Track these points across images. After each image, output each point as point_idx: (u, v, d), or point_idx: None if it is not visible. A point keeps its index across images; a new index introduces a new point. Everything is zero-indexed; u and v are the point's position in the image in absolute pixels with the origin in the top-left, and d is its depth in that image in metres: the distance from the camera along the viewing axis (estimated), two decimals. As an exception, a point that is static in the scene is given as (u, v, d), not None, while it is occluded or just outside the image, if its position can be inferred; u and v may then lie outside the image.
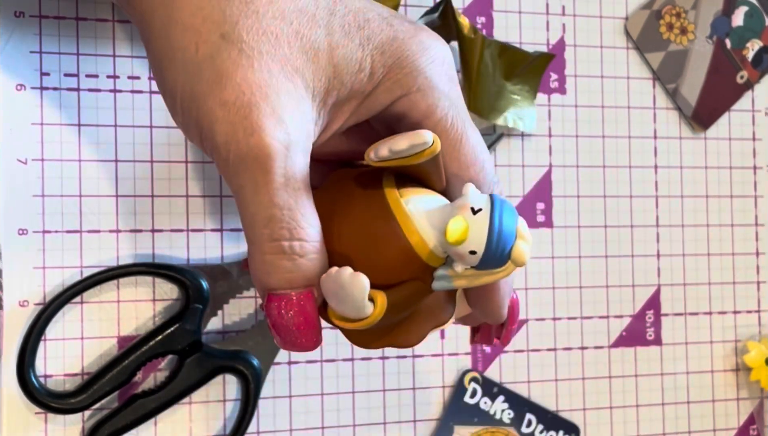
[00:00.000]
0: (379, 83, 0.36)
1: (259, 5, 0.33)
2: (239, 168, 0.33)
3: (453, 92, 0.37)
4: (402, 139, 0.33)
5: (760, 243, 0.62)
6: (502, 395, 0.56)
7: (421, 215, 0.35)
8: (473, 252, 0.33)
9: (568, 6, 0.59)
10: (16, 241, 0.48)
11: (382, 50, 0.35)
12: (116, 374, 0.48)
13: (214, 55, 0.33)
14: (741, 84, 0.62)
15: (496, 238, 0.33)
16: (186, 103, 0.34)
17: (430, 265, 0.35)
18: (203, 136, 0.34)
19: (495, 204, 0.33)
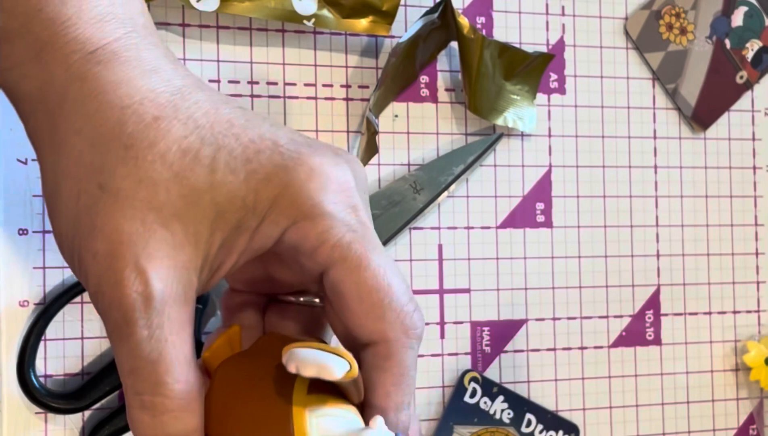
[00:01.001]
0: (264, 216, 0.34)
1: (138, 150, 0.33)
2: (106, 317, 0.33)
3: (350, 217, 0.35)
4: (312, 364, 0.31)
5: (760, 243, 0.62)
6: (501, 395, 0.56)
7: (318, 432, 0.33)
8: None
9: (568, 6, 0.59)
10: (16, 241, 0.48)
11: (267, 180, 0.34)
12: (116, 374, 0.47)
13: (91, 205, 0.32)
14: (741, 84, 0.62)
15: None
16: (68, 250, 0.34)
17: None
18: (82, 281, 0.34)
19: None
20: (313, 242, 0.34)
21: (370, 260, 0.34)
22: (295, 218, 0.34)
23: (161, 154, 0.33)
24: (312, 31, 0.54)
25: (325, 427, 0.33)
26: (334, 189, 0.35)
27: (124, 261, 0.32)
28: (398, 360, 0.35)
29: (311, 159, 0.34)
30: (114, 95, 0.33)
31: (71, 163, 0.33)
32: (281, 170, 0.34)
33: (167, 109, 0.33)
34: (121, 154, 0.33)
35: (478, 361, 0.56)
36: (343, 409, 0.34)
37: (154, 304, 0.32)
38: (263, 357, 0.36)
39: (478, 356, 0.56)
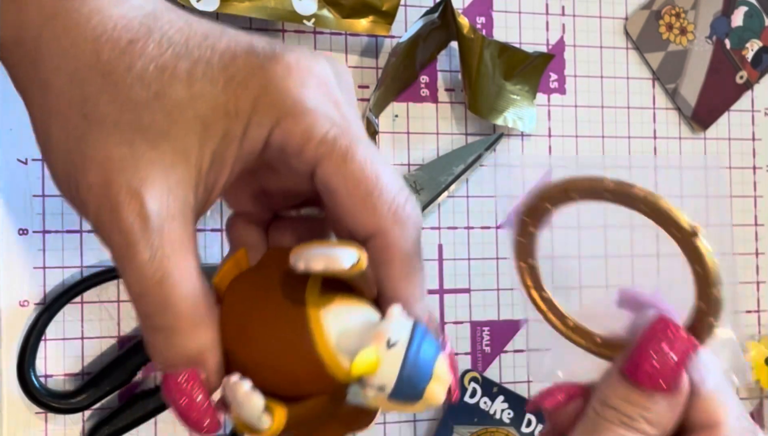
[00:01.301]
0: (249, 121, 0.33)
1: (117, 76, 0.33)
2: (109, 245, 0.32)
3: (333, 111, 0.34)
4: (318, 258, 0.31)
5: (760, 243, 0.62)
6: (501, 395, 0.56)
7: (338, 333, 0.33)
8: (381, 388, 0.31)
9: (568, 6, 0.59)
10: (16, 241, 0.48)
11: (245, 84, 0.33)
12: (116, 374, 0.48)
13: (80, 137, 0.32)
14: (741, 84, 0.62)
15: (407, 376, 0.31)
16: (66, 188, 0.33)
17: (342, 382, 0.33)
18: (84, 216, 0.33)
19: (414, 338, 0.31)
20: (298, 139, 0.33)
21: (356, 153, 0.34)
22: (278, 118, 0.33)
23: (139, 75, 0.33)
24: (312, 31, 0.54)
25: (342, 322, 0.33)
26: (314, 84, 0.34)
27: (117, 187, 0.32)
28: (398, 251, 0.34)
29: (287, 55, 0.34)
30: (87, 27, 0.33)
31: (55, 101, 0.33)
32: (258, 71, 0.33)
33: (140, 31, 0.33)
34: (100, 82, 0.33)
35: (478, 361, 0.56)
36: (358, 305, 0.34)
37: (152, 224, 0.32)
38: (271, 269, 0.35)
39: (478, 356, 0.56)
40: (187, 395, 0.33)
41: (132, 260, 0.32)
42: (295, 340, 0.33)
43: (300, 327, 0.33)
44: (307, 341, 0.32)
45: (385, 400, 0.32)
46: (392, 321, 0.32)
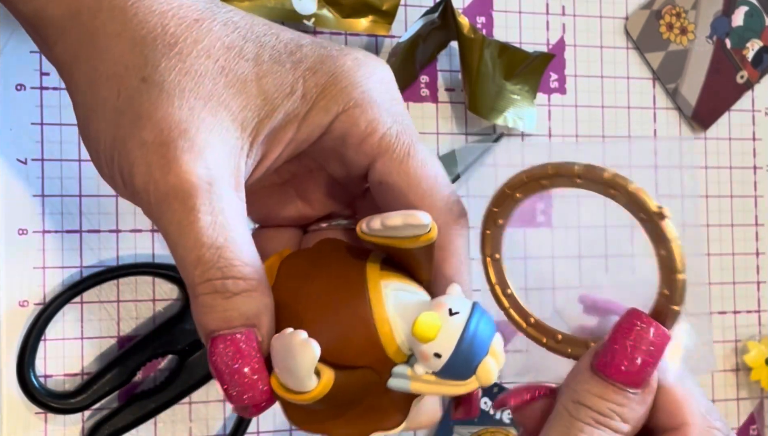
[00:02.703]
0: (313, 103, 0.34)
1: (183, 47, 0.33)
2: (162, 209, 0.31)
3: (396, 108, 0.35)
4: (396, 215, 0.31)
5: (760, 243, 0.62)
6: (502, 395, 0.55)
7: (397, 304, 0.32)
8: (438, 355, 0.31)
9: (568, 6, 0.59)
10: (16, 241, 0.48)
11: (314, 70, 0.34)
12: (116, 374, 0.48)
13: (134, 97, 0.32)
14: (741, 84, 0.62)
15: (466, 346, 0.31)
16: (108, 150, 0.33)
17: (391, 359, 0.32)
18: (125, 182, 0.33)
19: (475, 312, 0.31)
20: (363, 130, 0.34)
21: (417, 151, 0.35)
22: (345, 105, 0.34)
23: (206, 49, 0.33)
24: (312, 31, 0.54)
25: (400, 297, 0.33)
26: (378, 80, 0.35)
27: (177, 147, 0.31)
28: (454, 248, 0.35)
29: (356, 51, 0.35)
30: (151, 2, 0.33)
31: (110, 65, 0.32)
32: (327, 59, 0.34)
33: (205, 13, 0.33)
34: (164, 50, 0.32)
35: (478, 361, 0.56)
36: (415, 287, 0.34)
37: (215, 188, 0.31)
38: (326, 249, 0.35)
39: (478, 356, 0.56)
40: (244, 357, 0.31)
41: (192, 225, 0.31)
42: (353, 305, 0.32)
43: (359, 293, 0.32)
44: (363, 307, 0.32)
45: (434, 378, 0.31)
46: (453, 295, 0.32)
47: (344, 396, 0.32)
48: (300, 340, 0.30)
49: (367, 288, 0.33)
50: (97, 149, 0.33)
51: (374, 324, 0.32)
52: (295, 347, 0.30)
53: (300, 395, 0.31)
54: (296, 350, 0.30)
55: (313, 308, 0.33)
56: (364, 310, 0.32)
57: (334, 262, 0.35)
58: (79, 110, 0.34)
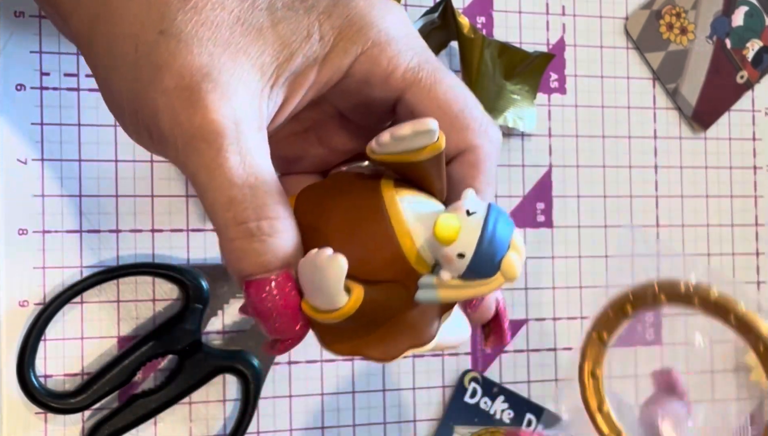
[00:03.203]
0: (331, 46, 0.34)
1: (197, 1, 0.33)
2: (190, 152, 0.31)
3: (414, 42, 0.35)
4: (405, 125, 0.32)
5: (760, 243, 0.62)
6: (502, 395, 0.56)
7: (414, 215, 0.33)
8: (461, 255, 0.31)
9: (568, 6, 0.59)
10: (16, 241, 0.48)
11: (328, 14, 0.34)
12: (116, 374, 0.48)
13: (153, 50, 0.32)
14: (741, 84, 0.62)
15: (488, 242, 0.31)
16: (131, 105, 0.33)
17: (416, 270, 0.33)
18: (151, 133, 0.33)
19: (492, 210, 0.31)
20: (385, 68, 0.34)
21: (443, 77, 0.35)
22: (363, 46, 0.34)
23: (220, 2, 0.33)
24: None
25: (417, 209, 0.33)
26: (393, 18, 0.35)
27: (201, 89, 0.31)
28: (486, 166, 0.36)
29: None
30: None
31: (127, 25, 0.33)
32: (339, 3, 0.34)
33: None
34: (179, 5, 0.33)
35: (478, 361, 0.56)
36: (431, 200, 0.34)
37: (241, 128, 0.32)
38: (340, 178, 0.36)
39: (478, 356, 0.56)
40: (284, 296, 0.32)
41: (221, 166, 0.31)
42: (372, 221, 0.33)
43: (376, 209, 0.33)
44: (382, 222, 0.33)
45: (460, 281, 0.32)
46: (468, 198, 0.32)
47: (375, 312, 0.33)
48: (326, 256, 0.31)
49: (384, 203, 0.33)
50: (121, 106, 0.33)
51: (395, 236, 0.33)
52: (323, 264, 0.31)
53: (332, 314, 0.31)
54: (324, 267, 0.31)
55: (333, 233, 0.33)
56: (384, 224, 0.33)
57: (348, 186, 0.35)
58: (99, 76, 0.34)
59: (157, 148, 0.33)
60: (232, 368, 0.49)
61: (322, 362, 0.53)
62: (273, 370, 0.52)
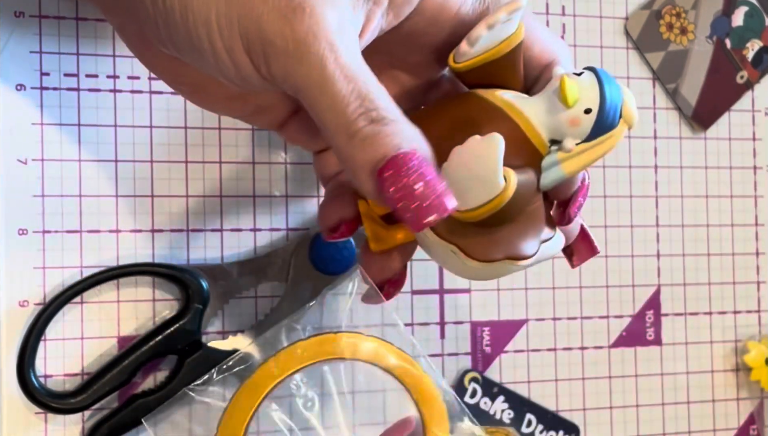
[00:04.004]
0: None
1: None
2: (300, 55, 0.32)
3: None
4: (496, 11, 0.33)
5: (760, 243, 0.62)
6: (502, 395, 0.56)
7: (521, 100, 0.34)
8: (588, 110, 0.31)
9: (568, 6, 0.59)
10: (16, 241, 0.48)
11: None
12: (116, 374, 0.48)
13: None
14: (741, 84, 0.62)
15: (609, 91, 0.32)
16: (224, 23, 0.33)
17: (538, 150, 0.33)
18: (252, 45, 0.33)
19: (597, 70, 0.32)
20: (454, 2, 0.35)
21: None
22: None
23: None
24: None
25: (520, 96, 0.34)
26: None
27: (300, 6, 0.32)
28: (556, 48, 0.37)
29: None
30: None
31: None
32: None
33: None
34: None
35: (478, 361, 0.56)
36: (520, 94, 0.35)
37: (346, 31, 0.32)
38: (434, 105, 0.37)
39: (478, 356, 0.56)
40: (423, 169, 0.32)
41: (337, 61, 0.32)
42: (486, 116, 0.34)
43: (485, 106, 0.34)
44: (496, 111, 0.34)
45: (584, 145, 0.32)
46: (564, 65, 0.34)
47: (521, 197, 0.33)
48: (479, 139, 0.32)
49: (489, 100, 0.34)
50: (208, 26, 0.33)
51: (512, 120, 0.33)
52: (480, 147, 0.31)
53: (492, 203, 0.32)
54: (482, 149, 0.31)
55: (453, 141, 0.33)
56: (501, 115, 0.33)
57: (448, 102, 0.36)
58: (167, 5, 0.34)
59: (254, 64, 0.33)
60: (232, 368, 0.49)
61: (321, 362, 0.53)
62: (273, 370, 0.52)
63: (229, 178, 0.51)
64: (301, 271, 0.51)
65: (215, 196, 0.51)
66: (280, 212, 0.52)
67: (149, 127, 0.50)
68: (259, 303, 0.52)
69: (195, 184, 0.51)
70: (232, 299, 0.51)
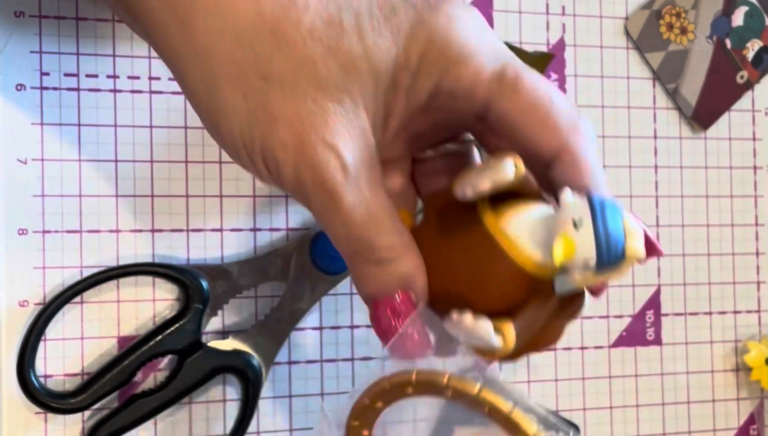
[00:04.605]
0: (417, 71, 0.35)
1: (286, 34, 0.33)
2: (310, 197, 0.34)
3: (494, 48, 0.36)
4: (483, 177, 0.34)
5: (760, 243, 0.62)
6: (502, 395, 0.55)
7: (524, 233, 0.34)
8: (586, 263, 0.33)
9: (568, 6, 0.59)
10: (16, 241, 0.48)
11: (412, 38, 0.35)
12: (116, 374, 0.48)
13: (262, 99, 0.34)
14: (741, 84, 0.62)
15: (605, 246, 0.32)
16: (249, 148, 0.35)
17: (548, 279, 0.35)
18: (271, 176, 0.35)
19: (596, 210, 0.33)
20: (469, 82, 0.35)
21: (525, 80, 0.35)
22: (446, 66, 0.35)
23: (308, 31, 0.34)
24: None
25: (523, 224, 0.35)
26: (472, 28, 0.36)
27: (313, 144, 0.34)
28: (585, 162, 0.36)
29: (444, 6, 0.36)
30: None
31: (225, 67, 0.34)
32: (421, 24, 0.35)
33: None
34: (270, 41, 0.34)
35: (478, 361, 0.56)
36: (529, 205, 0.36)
37: (351, 172, 0.34)
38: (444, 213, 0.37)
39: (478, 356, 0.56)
40: (402, 316, 0.35)
41: (339, 208, 0.34)
42: (487, 256, 0.35)
43: (487, 242, 0.35)
44: (497, 252, 0.34)
45: (593, 274, 0.33)
46: (568, 204, 0.33)
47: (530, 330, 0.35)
48: (469, 322, 0.34)
49: (491, 235, 0.35)
50: (235, 147, 0.35)
51: (513, 262, 0.34)
52: (469, 328, 0.34)
53: (495, 354, 0.35)
54: (471, 330, 0.34)
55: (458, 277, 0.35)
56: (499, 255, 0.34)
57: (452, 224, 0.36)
58: (202, 111, 0.36)
59: (273, 184, 0.36)
60: (232, 368, 0.49)
61: (321, 362, 0.53)
62: (273, 370, 0.52)
63: (229, 178, 0.51)
64: (302, 270, 0.51)
65: (215, 196, 0.51)
66: (280, 212, 0.52)
67: (149, 127, 0.50)
68: (259, 303, 0.52)
69: (195, 184, 0.51)
70: (232, 299, 0.51)
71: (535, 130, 0.35)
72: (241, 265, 0.50)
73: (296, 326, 0.51)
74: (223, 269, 0.50)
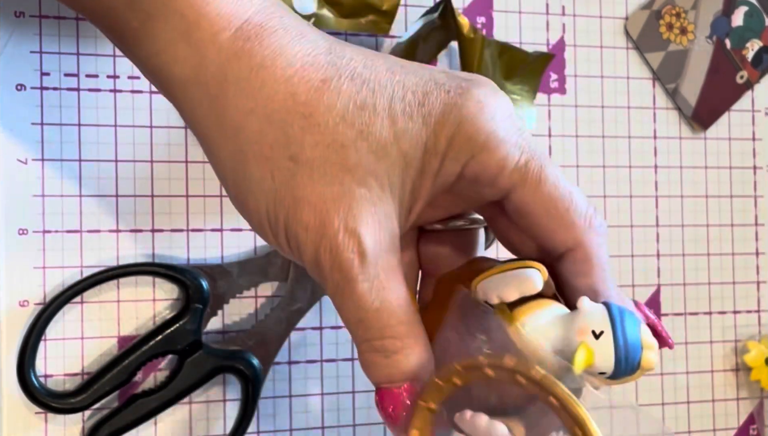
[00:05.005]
0: (444, 156, 0.35)
1: (318, 117, 0.34)
2: (326, 279, 0.34)
3: (521, 139, 0.36)
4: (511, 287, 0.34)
5: (760, 243, 0.62)
6: (502, 395, 0.55)
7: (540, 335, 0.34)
8: (602, 373, 0.33)
9: (568, 6, 0.59)
10: (16, 241, 0.48)
11: (443, 123, 0.35)
12: (116, 374, 0.48)
13: (289, 180, 0.34)
14: (741, 84, 0.62)
15: (624, 358, 0.33)
16: (273, 225, 0.35)
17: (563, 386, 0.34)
18: (293, 253, 0.35)
19: (615, 320, 0.33)
20: (494, 170, 0.35)
21: (548, 175, 0.36)
22: (473, 152, 0.35)
23: (341, 115, 0.34)
24: (312, 31, 0.54)
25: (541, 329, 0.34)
26: (501, 116, 0.36)
27: (335, 228, 0.34)
28: (597, 260, 0.36)
29: (475, 91, 0.36)
30: (274, 67, 0.34)
31: (254, 145, 0.34)
32: (452, 108, 0.35)
33: (329, 70, 0.34)
34: (302, 123, 0.34)
35: (478, 361, 0.56)
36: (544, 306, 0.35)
37: (369, 259, 0.34)
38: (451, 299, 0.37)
39: (478, 356, 0.56)
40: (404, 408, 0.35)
41: (352, 293, 0.34)
42: None
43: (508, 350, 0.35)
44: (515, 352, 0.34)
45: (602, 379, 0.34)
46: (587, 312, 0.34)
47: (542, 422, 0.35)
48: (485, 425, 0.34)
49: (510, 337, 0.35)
50: (260, 222, 0.36)
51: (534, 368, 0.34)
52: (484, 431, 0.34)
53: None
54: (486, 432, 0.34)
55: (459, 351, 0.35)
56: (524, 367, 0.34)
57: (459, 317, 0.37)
58: (229, 185, 0.36)
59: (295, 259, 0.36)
60: (232, 368, 0.49)
61: (321, 362, 0.53)
62: (273, 370, 0.52)
63: (229, 178, 0.51)
64: (302, 270, 0.51)
65: (215, 196, 0.51)
66: (280, 212, 0.52)
67: (149, 127, 0.50)
68: (259, 303, 0.52)
69: (195, 184, 0.51)
70: (232, 299, 0.51)
71: (553, 225, 0.36)
72: (241, 265, 0.50)
73: (296, 326, 0.51)
74: (223, 269, 0.50)
